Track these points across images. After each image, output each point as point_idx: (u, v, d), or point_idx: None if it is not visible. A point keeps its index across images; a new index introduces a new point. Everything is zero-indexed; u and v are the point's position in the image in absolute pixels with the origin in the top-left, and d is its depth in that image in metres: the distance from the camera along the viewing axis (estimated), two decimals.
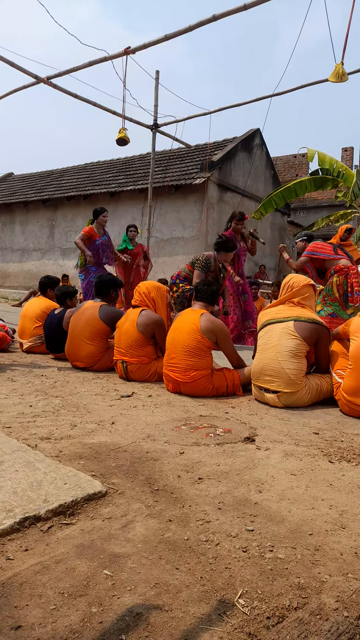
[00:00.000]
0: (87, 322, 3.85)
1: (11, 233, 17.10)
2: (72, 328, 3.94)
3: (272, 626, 0.99)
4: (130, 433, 2.24)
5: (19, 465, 1.69)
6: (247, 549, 1.27)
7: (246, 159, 13.90)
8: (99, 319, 3.83)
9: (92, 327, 3.83)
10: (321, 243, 4.81)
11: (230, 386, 3.20)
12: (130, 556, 1.21)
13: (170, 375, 3.16)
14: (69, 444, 2.03)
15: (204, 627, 0.97)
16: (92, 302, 4.05)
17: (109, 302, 4.06)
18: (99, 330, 3.83)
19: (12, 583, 1.08)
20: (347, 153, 17.82)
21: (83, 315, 3.91)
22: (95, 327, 3.83)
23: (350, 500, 1.62)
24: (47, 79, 7.27)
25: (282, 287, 3.27)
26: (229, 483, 1.70)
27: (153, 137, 9.56)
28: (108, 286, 4.05)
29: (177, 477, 1.73)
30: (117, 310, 4.00)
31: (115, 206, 14.16)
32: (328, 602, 1.07)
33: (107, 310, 3.89)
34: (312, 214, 17.41)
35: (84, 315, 3.91)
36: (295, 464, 1.94)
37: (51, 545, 1.25)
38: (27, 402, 2.72)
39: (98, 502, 1.50)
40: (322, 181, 10.61)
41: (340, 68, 4.96)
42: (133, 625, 0.97)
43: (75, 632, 0.94)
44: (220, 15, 5.51)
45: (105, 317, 3.84)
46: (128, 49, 6.47)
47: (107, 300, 4.05)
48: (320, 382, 3.01)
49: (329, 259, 4.63)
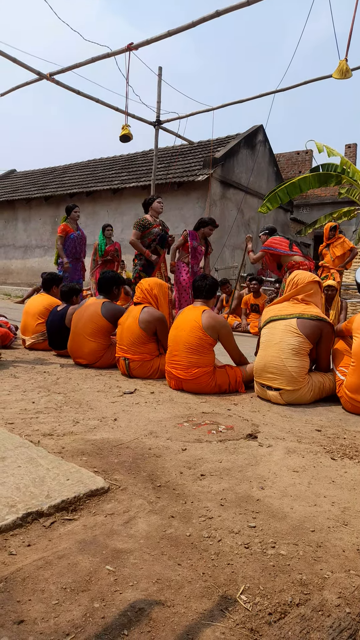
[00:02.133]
0: (90, 319, 3.85)
1: (14, 230, 17.11)
2: (74, 325, 3.95)
3: (274, 622, 0.99)
4: (132, 429, 2.25)
5: (21, 461, 1.69)
6: (249, 545, 1.27)
7: (249, 156, 13.85)
8: (102, 315, 3.83)
9: (94, 324, 3.83)
10: (278, 238, 4.99)
11: (232, 383, 3.19)
12: (133, 552, 1.21)
13: (173, 373, 3.16)
14: (71, 440, 2.03)
15: (206, 623, 0.98)
16: (95, 299, 4.05)
17: (111, 299, 4.06)
18: (101, 327, 3.83)
19: (15, 578, 1.09)
20: (350, 149, 17.74)
21: (85, 312, 3.91)
22: (97, 324, 3.83)
23: (353, 497, 1.62)
24: (50, 75, 7.26)
25: (287, 284, 3.26)
26: (231, 480, 1.71)
27: (156, 134, 9.54)
28: (111, 283, 4.05)
29: (179, 474, 1.73)
30: (119, 307, 4.00)
31: (118, 203, 14.15)
32: (330, 599, 1.07)
33: (109, 307, 3.89)
34: (315, 211, 17.35)
35: (86, 312, 3.91)
36: (298, 460, 1.94)
37: (54, 540, 1.25)
38: (29, 398, 2.73)
39: (100, 498, 1.50)
40: (326, 177, 10.57)
41: (344, 64, 4.93)
42: (135, 620, 0.97)
43: (78, 627, 0.94)
44: (223, 11, 5.49)
45: (108, 314, 3.84)
46: (131, 45, 6.45)
47: (109, 298, 4.05)
48: (322, 380, 3.00)
49: (284, 255, 4.83)
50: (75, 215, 7.15)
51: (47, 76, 7.25)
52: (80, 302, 4.31)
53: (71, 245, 7.06)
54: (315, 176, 10.57)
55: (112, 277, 4.09)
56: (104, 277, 4.07)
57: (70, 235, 7.04)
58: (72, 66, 7.05)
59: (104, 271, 4.31)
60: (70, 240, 7.04)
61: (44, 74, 7.23)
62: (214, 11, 5.54)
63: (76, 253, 7.14)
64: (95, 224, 14.77)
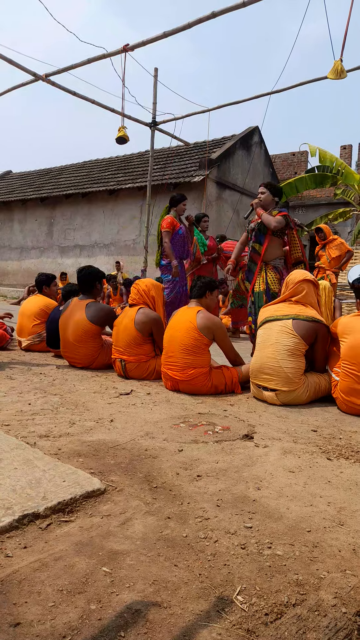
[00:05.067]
0: (77, 325, 3.74)
1: (9, 231, 17.07)
2: (62, 331, 3.84)
3: (271, 622, 0.99)
4: (128, 431, 2.24)
5: (17, 463, 1.69)
6: (246, 546, 1.27)
7: (245, 157, 13.88)
8: (87, 320, 3.73)
9: (81, 329, 3.73)
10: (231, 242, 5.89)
11: (228, 384, 3.20)
12: (129, 553, 1.21)
13: (169, 374, 3.16)
14: (67, 442, 2.03)
15: (202, 624, 0.98)
16: (77, 300, 3.90)
17: (94, 297, 3.91)
18: (88, 331, 3.73)
19: (11, 580, 1.09)
20: (345, 151, 17.79)
21: (71, 319, 3.78)
22: (84, 328, 3.73)
23: (348, 497, 1.63)
24: (45, 76, 7.24)
25: (283, 285, 3.28)
26: (227, 480, 1.71)
27: (152, 135, 9.54)
28: (92, 279, 3.86)
29: (175, 475, 1.73)
30: (104, 307, 3.90)
31: (114, 204, 14.14)
32: (326, 599, 1.07)
33: (93, 309, 3.76)
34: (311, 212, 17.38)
35: (71, 318, 3.78)
36: (294, 461, 1.94)
37: (50, 542, 1.25)
38: (25, 400, 2.72)
39: (97, 499, 1.50)
40: (322, 178, 10.63)
41: (340, 65, 4.94)
42: (132, 622, 0.97)
43: (74, 629, 0.94)
44: (219, 12, 5.49)
45: (93, 317, 3.74)
46: (127, 46, 6.44)
47: (92, 296, 3.89)
48: (318, 380, 3.01)
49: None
50: (182, 209, 5.77)
51: (42, 77, 7.23)
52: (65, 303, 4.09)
53: (178, 243, 5.74)
54: (311, 177, 10.62)
55: (91, 273, 3.87)
56: (83, 275, 3.84)
57: (178, 231, 5.70)
58: (67, 67, 7.03)
59: (81, 268, 4.00)
60: (178, 237, 5.71)
61: (40, 75, 7.22)
62: (210, 12, 5.55)
63: (182, 253, 5.86)
64: (91, 225, 14.77)
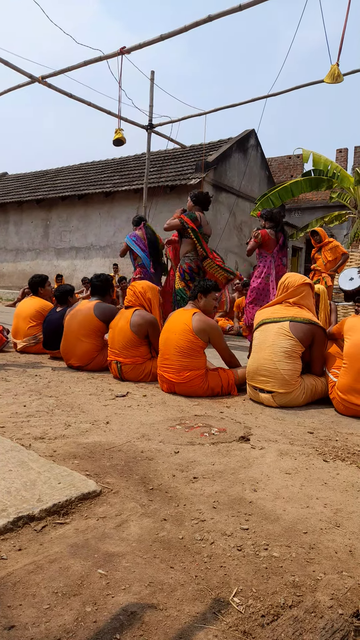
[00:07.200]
0: (83, 319, 3.87)
1: (5, 233, 17.04)
2: (67, 325, 3.96)
3: (267, 624, 0.99)
4: (124, 432, 2.24)
5: (12, 465, 1.68)
6: (242, 548, 1.27)
7: (241, 160, 13.93)
8: (95, 316, 3.85)
9: (88, 323, 3.85)
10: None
11: (225, 386, 3.19)
12: (125, 555, 1.21)
13: (165, 376, 3.16)
14: (63, 444, 2.02)
15: (198, 626, 0.97)
16: (87, 300, 4.08)
17: (105, 301, 4.08)
18: (94, 327, 3.85)
19: (6, 583, 1.08)
20: (341, 154, 17.88)
21: (79, 313, 3.93)
22: (91, 323, 3.85)
23: (345, 498, 1.62)
24: (42, 78, 7.25)
25: (278, 287, 3.28)
26: (223, 482, 1.70)
27: (148, 138, 9.56)
28: (107, 286, 4.09)
29: (171, 477, 1.73)
30: (112, 307, 4.02)
31: (110, 206, 14.14)
32: (323, 600, 1.07)
33: (102, 307, 3.91)
34: (306, 215, 17.46)
35: (79, 313, 3.94)
36: (290, 463, 1.94)
37: (45, 544, 1.24)
38: (21, 401, 2.71)
39: (92, 501, 1.49)
40: (318, 182, 10.67)
41: (336, 69, 4.97)
42: (127, 624, 0.96)
43: (69, 632, 0.93)
44: (215, 16, 5.51)
45: (101, 314, 3.86)
46: (123, 49, 6.45)
47: (104, 300, 4.08)
48: (315, 382, 3.01)
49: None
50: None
51: (39, 79, 7.23)
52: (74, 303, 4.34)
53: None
54: (307, 180, 10.66)
55: (108, 280, 4.14)
56: (101, 281, 4.09)
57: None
58: (64, 69, 7.03)
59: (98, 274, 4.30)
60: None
61: (36, 77, 7.22)
62: (207, 16, 5.57)
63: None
64: (87, 227, 14.76)
